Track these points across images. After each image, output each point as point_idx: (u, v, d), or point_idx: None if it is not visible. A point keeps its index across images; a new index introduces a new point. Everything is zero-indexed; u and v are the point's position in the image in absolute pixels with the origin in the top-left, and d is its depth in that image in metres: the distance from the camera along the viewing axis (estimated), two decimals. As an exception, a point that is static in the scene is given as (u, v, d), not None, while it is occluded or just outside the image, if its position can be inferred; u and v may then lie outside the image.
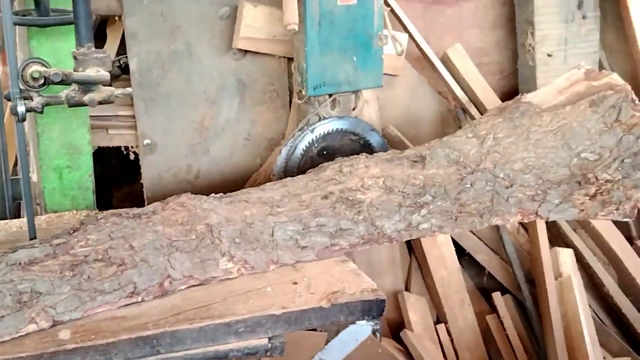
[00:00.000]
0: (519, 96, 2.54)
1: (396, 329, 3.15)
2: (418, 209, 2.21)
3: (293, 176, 2.56)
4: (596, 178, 2.29)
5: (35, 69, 1.81)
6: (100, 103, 1.86)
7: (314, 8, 2.54)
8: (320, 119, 2.72)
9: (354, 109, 2.81)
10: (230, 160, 2.99)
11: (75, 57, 1.80)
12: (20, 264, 1.79)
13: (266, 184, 2.36)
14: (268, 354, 1.80)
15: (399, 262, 3.20)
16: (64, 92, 1.87)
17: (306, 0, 2.51)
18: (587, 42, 3.28)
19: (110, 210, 2.06)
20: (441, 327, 3.15)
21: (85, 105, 1.86)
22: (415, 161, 2.36)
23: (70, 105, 1.88)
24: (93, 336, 1.68)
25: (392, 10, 3.00)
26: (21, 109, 1.74)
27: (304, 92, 2.66)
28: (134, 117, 2.85)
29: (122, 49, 2.95)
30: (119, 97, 1.90)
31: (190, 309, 1.80)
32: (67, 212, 2.43)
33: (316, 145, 2.71)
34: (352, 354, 2.07)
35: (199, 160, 2.94)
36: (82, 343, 1.66)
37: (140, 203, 2.85)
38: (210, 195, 2.24)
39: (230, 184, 2.97)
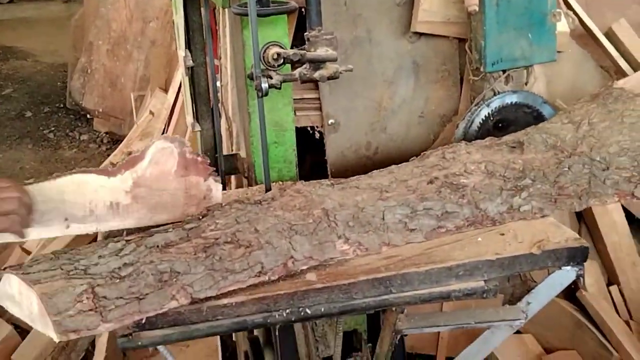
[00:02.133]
0: (610, 83, 2.64)
1: (569, 291, 3.31)
2: (519, 192, 2.26)
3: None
4: (692, 158, 2.33)
5: (275, 50, 2.08)
6: (328, 79, 2.11)
7: (492, -11, 2.74)
8: (495, 94, 2.91)
9: (526, 84, 2.99)
10: (406, 137, 3.21)
11: (308, 39, 2.05)
12: (157, 246, 1.93)
13: (373, 171, 2.45)
14: (484, 295, 2.01)
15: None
16: (297, 70, 2.13)
17: (485, -18, 2.72)
18: None
19: (233, 198, 2.21)
20: (614, 289, 3.30)
21: (316, 81, 2.12)
22: (514, 147, 2.44)
23: (303, 82, 2.13)
24: (336, 277, 1.94)
25: (557, -11, 3.15)
26: (265, 85, 2.01)
27: (481, 69, 2.84)
28: (318, 99, 3.13)
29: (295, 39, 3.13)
30: (342, 73, 2.14)
31: (413, 255, 2.04)
32: (273, 183, 2.67)
33: (492, 118, 2.89)
34: (536, 312, 2.26)
35: (377, 137, 3.17)
36: (328, 283, 1.92)
37: (324, 175, 3.12)
38: (323, 181, 2.35)
39: (406, 159, 3.18)
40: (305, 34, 2.08)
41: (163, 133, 4.45)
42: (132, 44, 6.15)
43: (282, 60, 2.08)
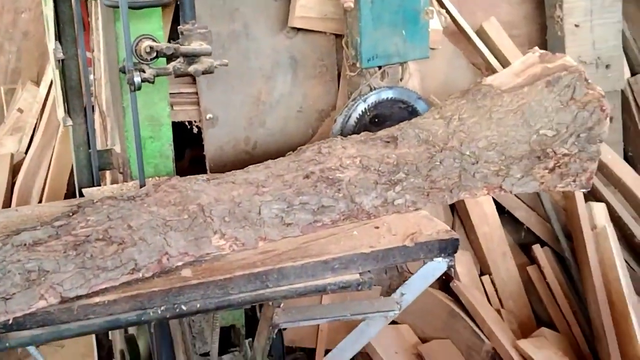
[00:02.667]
0: (479, 79, 2.75)
1: (443, 282, 3.40)
2: (393, 186, 2.33)
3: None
4: (554, 152, 2.46)
5: (147, 44, 2.04)
6: (203, 73, 2.09)
7: (367, -14, 2.77)
8: (371, 90, 2.95)
9: (401, 80, 3.04)
10: (284, 131, 3.22)
11: (181, 33, 2.02)
12: (25, 244, 1.88)
13: (250, 166, 2.47)
14: (359, 287, 2.04)
15: (443, 220, 3.43)
16: (171, 64, 2.10)
17: (360, -21, 2.74)
18: (611, 13, 3.53)
19: (105, 195, 2.19)
20: (485, 279, 3.41)
21: (191, 75, 2.09)
22: (388, 142, 2.50)
23: (177, 76, 2.11)
24: (212, 273, 1.92)
25: (430, -13, 3.23)
26: (137, 79, 1.97)
27: (357, 65, 2.87)
28: (196, 93, 3.09)
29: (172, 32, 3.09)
30: (217, 68, 2.12)
31: (289, 250, 2.05)
32: (150, 179, 2.63)
33: (368, 113, 2.93)
34: (412, 303, 2.31)
35: (256, 132, 3.17)
36: (204, 279, 1.90)
37: (203, 170, 3.10)
38: (199, 177, 2.35)
39: (285, 154, 3.20)
40: (178, 27, 2.05)
41: (35, 128, 4.30)
42: (3, 36, 5.90)
43: (155, 54, 2.05)
